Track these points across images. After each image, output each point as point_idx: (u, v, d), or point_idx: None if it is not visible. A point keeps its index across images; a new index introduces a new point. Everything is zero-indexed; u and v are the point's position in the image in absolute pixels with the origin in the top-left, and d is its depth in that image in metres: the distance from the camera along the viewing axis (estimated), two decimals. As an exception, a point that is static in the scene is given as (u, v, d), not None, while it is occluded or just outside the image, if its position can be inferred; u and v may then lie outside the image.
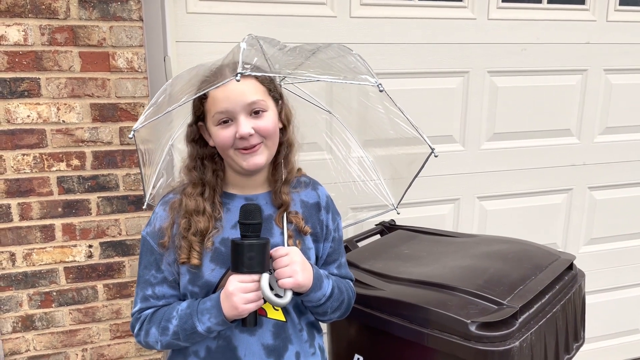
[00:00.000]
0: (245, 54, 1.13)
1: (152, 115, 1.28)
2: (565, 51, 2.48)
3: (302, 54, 1.28)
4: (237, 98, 1.20)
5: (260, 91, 1.24)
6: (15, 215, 1.86)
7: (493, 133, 2.49)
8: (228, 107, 1.20)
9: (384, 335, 1.58)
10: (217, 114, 1.21)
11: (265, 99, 1.25)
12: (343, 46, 1.33)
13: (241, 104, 1.20)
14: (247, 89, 1.21)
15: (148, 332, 1.29)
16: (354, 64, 1.27)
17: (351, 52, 1.31)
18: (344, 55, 1.30)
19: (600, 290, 2.84)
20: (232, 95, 1.20)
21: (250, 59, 1.16)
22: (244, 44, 1.17)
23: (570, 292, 1.67)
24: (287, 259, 1.21)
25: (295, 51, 1.31)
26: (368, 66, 1.27)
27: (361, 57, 1.30)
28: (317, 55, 1.28)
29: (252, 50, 1.19)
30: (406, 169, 1.65)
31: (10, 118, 1.79)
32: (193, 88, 1.22)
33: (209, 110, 1.23)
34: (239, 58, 1.10)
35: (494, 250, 1.80)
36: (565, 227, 2.73)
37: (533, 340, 1.44)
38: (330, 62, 1.26)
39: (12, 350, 1.95)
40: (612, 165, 2.71)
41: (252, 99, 1.21)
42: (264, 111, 1.24)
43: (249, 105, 1.21)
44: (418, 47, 2.28)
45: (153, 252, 1.30)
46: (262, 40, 1.27)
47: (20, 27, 1.74)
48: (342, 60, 1.27)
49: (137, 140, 1.36)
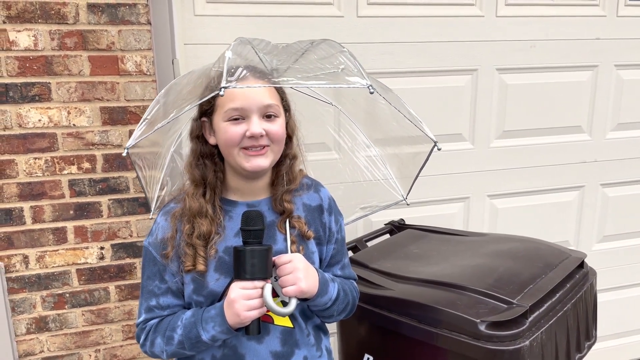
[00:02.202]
0: (230, 64, 1.12)
1: (147, 130, 1.27)
2: (575, 47, 2.46)
3: (291, 55, 1.24)
4: (255, 98, 1.20)
5: (275, 96, 1.25)
6: (28, 218, 1.89)
7: (503, 131, 2.47)
8: (244, 105, 1.19)
9: (394, 335, 1.58)
10: (230, 110, 1.20)
11: (279, 104, 1.25)
12: (335, 43, 1.28)
13: (258, 104, 1.20)
14: (265, 91, 1.21)
15: (153, 342, 1.28)
16: (344, 64, 1.22)
17: (342, 50, 1.26)
18: (335, 54, 1.25)
19: (613, 288, 2.81)
20: (250, 94, 1.19)
21: (234, 68, 1.14)
22: (229, 52, 1.15)
23: (582, 290, 1.66)
24: (290, 266, 1.20)
25: (284, 52, 1.27)
26: (359, 65, 1.22)
27: (352, 55, 1.24)
28: (306, 57, 1.24)
29: (237, 59, 1.17)
30: (412, 162, 1.64)
31: (22, 122, 1.81)
32: (182, 101, 1.20)
33: (222, 104, 1.21)
34: (224, 69, 1.08)
35: (503, 248, 1.79)
36: (577, 224, 2.70)
37: (544, 340, 1.43)
38: (318, 64, 1.21)
39: (26, 352, 1.97)
40: (624, 161, 2.68)
41: (269, 102, 1.21)
42: (277, 116, 1.24)
43: (265, 107, 1.21)
44: (426, 46, 2.27)
45: (156, 262, 1.29)
46: (253, 42, 1.25)
47: (30, 33, 1.76)
48: (331, 60, 1.22)
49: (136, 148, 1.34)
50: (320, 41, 1.30)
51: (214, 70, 1.20)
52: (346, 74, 1.19)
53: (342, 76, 1.19)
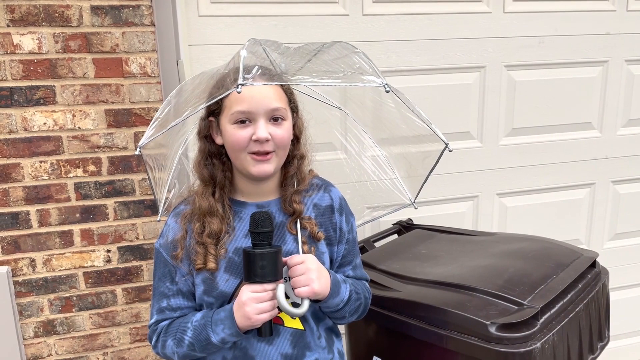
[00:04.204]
0: (245, 62, 1.11)
1: (159, 129, 1.27)
2: (584, 42, 2.42)
3: (304, 56, 1.25)
4: (262, 101, 1.19)
5: (283, 99, 1.24)
6: (35, 221, 1.88)
7: (512, 128, 2.44)
8: (251, 108, 1.18)
9: (402, 337, 1.56)
10: (237, 112, 1.19)
11: (286, 107, 1.24)
12: (347, 44, 1.29)
13: (265, 107, 1.19)
14: (272, 94, 1.20)
15: (165, 344, 1.28)
16: (358, 64, 1.22)
17: (356, 50, 1.27)
18: (348, 55, 1.25)
19: (626, 287, 2.77)
20: (258, 97, 1.19)
21: (250, 67, 1.14)
22: (244, 51, 1.14)
23: (594, 290, 1.63)
24: (302, 267, 1.19)
25: (297, 53, 1.27)
26: (374, 65, 1.23)
27: (366, 56, 1.25)
28: (319, 57, 1.24)
29: (252, 58, 1.17)
30: (421, 164, 1.63)
31: (27, 126, 1.81)
32: (196, 100, 1.21)
33: (229, 106, 1.21)
34: (240, 67, 1.08)
35: (513, 248, 1.77)
36: (588, 222, 2.67)
37: (555, 341, 1.41)
38: (333, 64, 1.22)
39: (34, 355, 1.97)
40: (636, 158, 2.64)
41: (276, 106, 1.20)
42: (283, 120, 1.23)
43: (272, 111, 1.20)
44: (432, 43, 2.24)
45: (166, 264, 1.29)
46: (265, 44, 1.25)
47: (34, 36, 1.76)
48: (345, 60, 1.23)
49: (146, 150, 1.35)
50: (332, 43, 1.30)
51: (229, 69, 1.19)
52: (361, 73, 1.20)
53: (357, 75, 1.19)
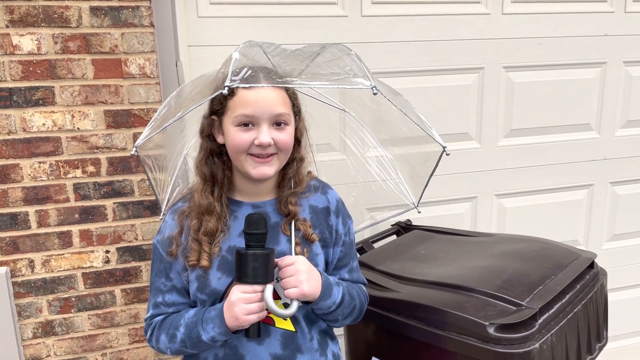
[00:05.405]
0: (236, 65, 1.12)
1: (155, 129, 1.28)
2: (582, 44, 2.43)
3: (303, 60, 1.25)
4: (266, 105, 1.19)
5: (287, 104, 1.24)
6: (33, 222, 1.88)
7: (510, 129, 2.44)
8: (255, 112, 1.19)
9: (401, 338, 1.56)
10: (241, 115, 1.19)
11: (290, 112, 1.25)
12: (343, 46, 1.29)
13: (269, 112, 1.19)
14: (277, 99, 1.21)
15: (158, 338, 1.30)
16: (349, 66, 1.23)
17: (349, 52, 1.27)
18: (341, 57, 1.26)
19: (624, 287, 2.78)
20: (263, 101, 1.19)
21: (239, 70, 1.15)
22: (237, 53, 1.16)
23: (592, 291, 1.63)
24: (292, 268, 1.19)
25: (295, 56, 1.27)
26: (364, 67, 1.23)
27: (359, 58, 1.25)
28: (316, 60, 1.25)
29: (243, 60, 1.18)
30: (422, 166, 1.63)
31: (26, 127, 1.81)
32: (190, 101, 1.21)
33: (233, 108, 1.21)
34: (229, 69, 1.09)
35: (512, 249, 1.77)
36: (586, 223, 2.67)
37: (554, 342, 1.41)
38: (324, 66, 1.22)
39: (33, 356, 1.97)
40: (634, 159, 2.65)
41: (280, 111, 1.21)
42: (287, 125, 1.23)
43: (275, 116, 1.20)
44: (431, 44, 2.25)
45: (162, 260, 1.31)
46: (263, 45, 1.25)
47: (33, 37, 1.76)
48: (337, 62, 1.24)
49: (144, 150, 1.36)
50: (330, 45, 1.30)
51: (221, 72, 1.20)
52: (351, 75, 1.20)
53: (346, 78, 1.20)
